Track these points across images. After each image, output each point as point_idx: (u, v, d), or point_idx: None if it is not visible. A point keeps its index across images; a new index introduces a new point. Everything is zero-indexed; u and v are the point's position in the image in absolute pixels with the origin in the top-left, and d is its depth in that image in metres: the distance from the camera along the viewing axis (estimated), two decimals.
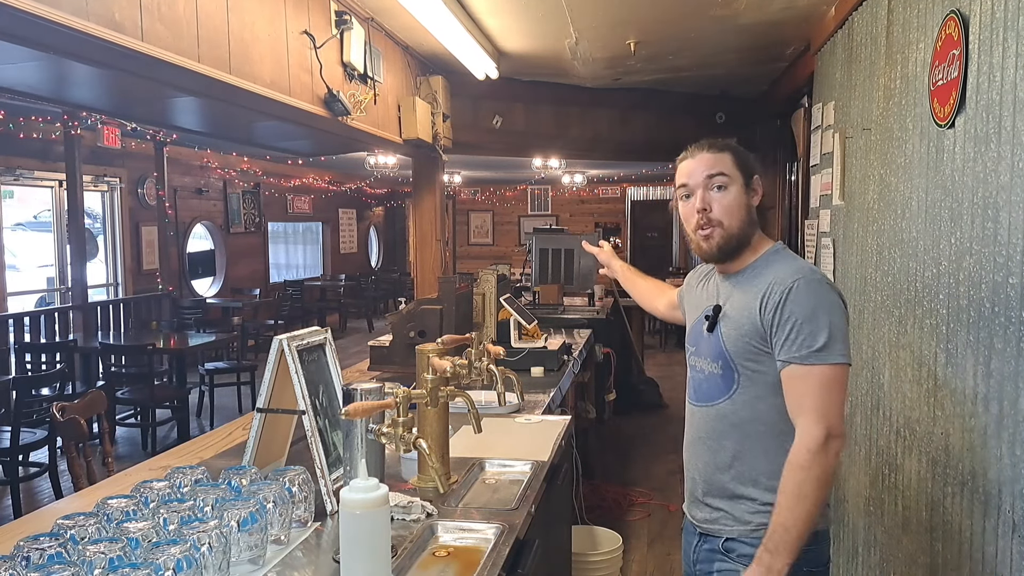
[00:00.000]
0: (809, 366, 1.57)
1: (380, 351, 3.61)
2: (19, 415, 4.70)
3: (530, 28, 4.36)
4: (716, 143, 1.77)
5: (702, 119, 6.20)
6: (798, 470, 1.55)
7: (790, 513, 1.54)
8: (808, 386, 1.57)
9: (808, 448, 1.54)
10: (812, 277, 1.63)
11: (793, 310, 1.59)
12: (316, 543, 1.69)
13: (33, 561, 1.29)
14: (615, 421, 6.19)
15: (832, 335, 1.56)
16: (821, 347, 1.56)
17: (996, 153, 1.80)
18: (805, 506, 1.54)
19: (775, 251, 1.75)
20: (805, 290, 1.60)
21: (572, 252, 6.16)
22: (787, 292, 1.61)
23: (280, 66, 3.18)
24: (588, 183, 15.04)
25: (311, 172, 12.65)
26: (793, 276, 1.63)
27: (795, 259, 1.72)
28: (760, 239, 1.77)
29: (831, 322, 1.57)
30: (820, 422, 1.54)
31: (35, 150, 7.50)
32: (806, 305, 1.59)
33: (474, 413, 1.98)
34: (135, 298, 8.86)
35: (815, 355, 1.56)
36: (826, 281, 1.65)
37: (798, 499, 1.54)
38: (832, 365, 1.56)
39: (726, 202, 1.71)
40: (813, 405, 1.56)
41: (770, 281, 1.65)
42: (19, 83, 3.40)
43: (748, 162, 1.76)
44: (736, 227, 1.72)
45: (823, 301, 1.59)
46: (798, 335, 1.58)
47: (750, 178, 1.75)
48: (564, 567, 2.63)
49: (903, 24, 2.53)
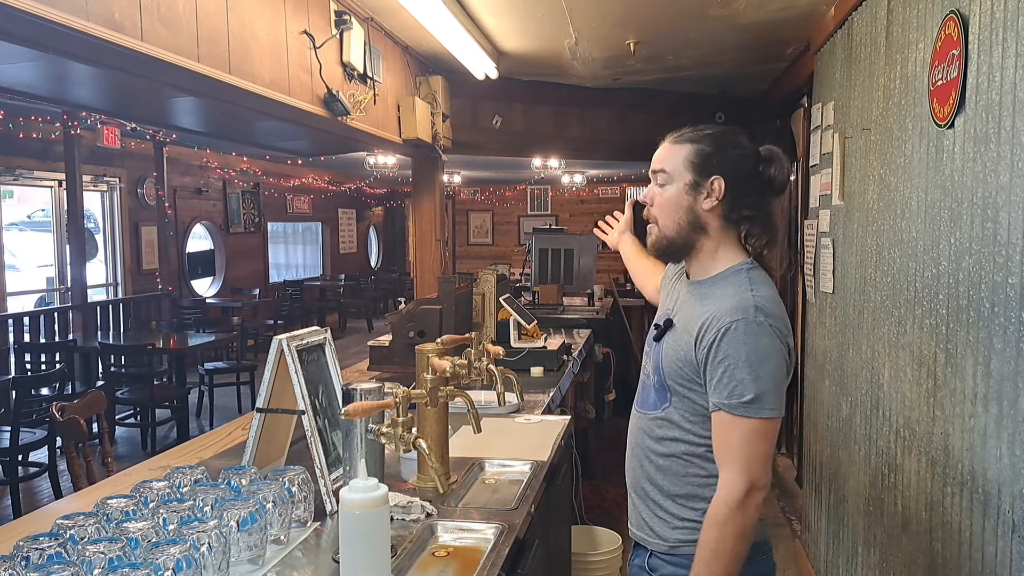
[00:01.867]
0: (737, 416, 1.49)
1: (380, 351, 3.61)
2: (19, 415, 4.70)
3: (530, 28, 4.36)
4: (684, 134, 1.65)
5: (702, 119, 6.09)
6: (716, 526, 1.50)
7: (706, 568, 1.51)
8: (734, 437, 1.50)
9: (727, 503, 1.49)
10: (753, 319, 1.49)
11: (728, 353, 1.49)
12: (316, 543, 1.69)
13: (33, 561, 1.29)
14: (615, 421, 6.17)
15: (763, 388, 1.47)
16: (751, 400, 1.48)
17: (996, 153, 1.80)
18: (722, 562, 1.50)
19: (735, 271, 1.59)
20: (743, 334, 1.48)
21: (572, 252, 6.17)
22: (723, 333, 1.50)
23: (280, 66, 3.18)
24: (588, 183, 15.04)
25: (311, 172, 12.65)
26: (732, 315, 1.50)
27: (746, 290, 1.54)
28: (727, 250, 1.62)
29: (764, 373, 1.48)
30: (743, 475, 1.49)
31: (35, 150, 7.50)
32: (741, 352, 1.48)
33: (474, 413, 1.98)
34: (135, 298, 8.86)
35: (744, 407, 1.48)
36: (768, 323, 1.50)
37: (716, 555, 1.50)
38: (761, 420, 1.48)
39: (662, 200, 1.63)
40: (737, 456, 1.50)
41: (712, 311, 1.53)
42: (19, 83, 3.40)
43: (709, 161, 1.59)
44: (670, 229, 1.62)
45: (759, 349, 1.48)
46: (729, 381, 1.49)
47: (703, 178, 1.58)
48: (564, 567, 2.63)
49: (903, 24, 2.53)
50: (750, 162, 1.61)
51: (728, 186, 1.59)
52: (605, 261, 6.55)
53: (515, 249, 15.94)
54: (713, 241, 1.62)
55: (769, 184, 1.62)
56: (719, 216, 1.61)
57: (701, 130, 1.65)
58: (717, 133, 1.65)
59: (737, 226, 1.62)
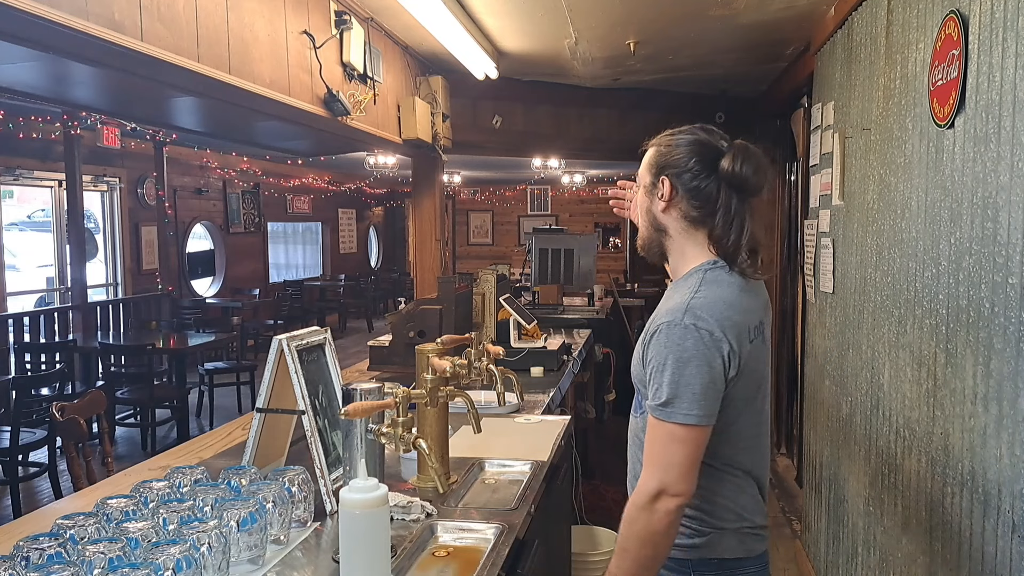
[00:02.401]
0: (655, 419, 1.47)
1: (380, 351, 3.61)
2: (19, 415, 4.70)
3: (529, 28, 4.36)
4: (656, 138, 1.63)
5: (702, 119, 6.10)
6: (624, 523, 1.51)
7: (615, 563, 1.52)
8: (651, 438, 1.49)
9: (636, 503, 1.49)
10: (680, 322, 1.46)
11: (652, 356, 1.49)
12: (316, 543, 1.69)
13: (33, 561, 1.29)
14: (615, 421, 6.17)
15: (677, 392, 1.44)
16: (664, 403, 1.45)
17: (996, 153, 1.80)
18: (626, 560, 1.50)
19: (694, 271, 1.57)
20: (665, 337, 1.46)
21: (572, 252, 6.17)
22: (652, 335, 1.50)
23: (280, 66, 3.18)
24: (588, 183, 15.04)
25: (311, 172, 12.65)
26: (665, 317, 1.49)
27: (689, 290, 1.52)
28: (693, 252, 1.59)
29: (680, 377, 1.44)
30: (655, 477, 1.46)
31: (35, 150, 7.50)
32: (661, 354, 1.47)
33: (474, 413, 1.98)
34: (135, 298, 8.86)
35: (659, 409, 1.46)
36: (695, 325, 1.45)
37: (622, 552, 1.51)
38: (674, 424, 1.44)
39: (634, 205, 1.67)
40: (652, 458, 1.49)
41: (655, 314, 1.54)
42: (19, 83, 3.40)
43: (659, 161, 1.58)
44: (643, 231, 1.64)
45: (678, 353, 1.45)
46: (652, 383, 1.48)
47: (656, 179, 1.58)
48: (564, 567, 2.63)
49: (903, 24, 2.53)
50: (703, 160, 1.56)
51: (677, 186, 1.56)
52: (605, 261, 6.56)
53: (515, 249, 15.94)
54: (676, 242, 1.61)
55: (733, 181, 1.54)
56: (678, 217, 1.59)
57: (671, 132, 1.62)
58: (678, 133, 1.61)
59: (703, 226, 1.58)
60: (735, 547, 1.59)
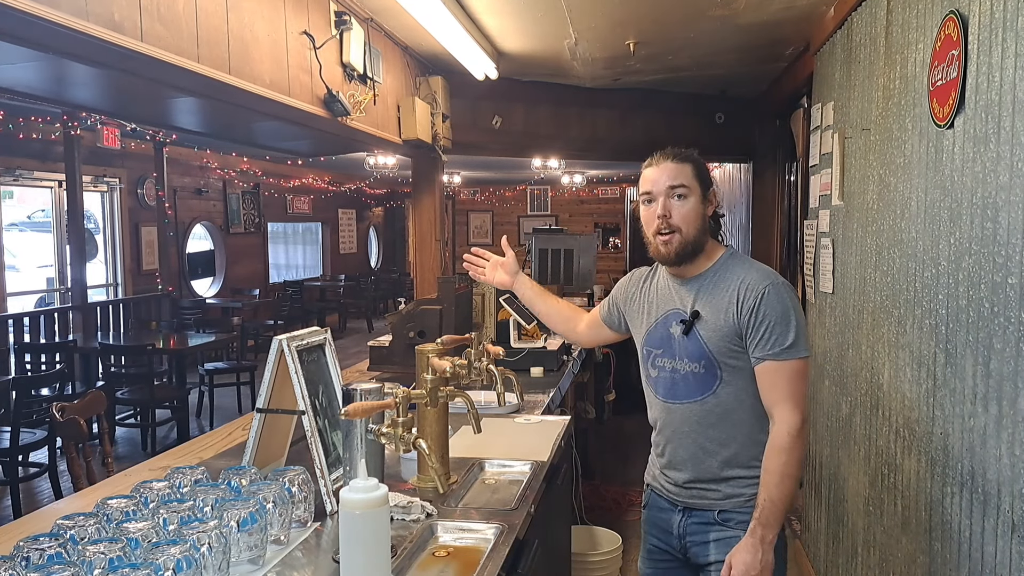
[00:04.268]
0: (782, 361, 1.79)
1: (380, 351, 3.61)
2: (19, 415, 4.70)
3: (529, 28, 4.37)
4: (680, 153, 1.90)
5: (701, 119, 6.20)
6: (782, 452, 1.77)
7: (777, 490, 1.76)
8: (782, 378, 1.80)
9: (789, 432, 1.77)
10: (779, 282, 1.85)
11: (767, 313, 1.80)
12: (316, 543, 1.69)
13: (33, 561, 1.29)
14: (614, 421, 6.19)
15: (799, 334, 1.81)
16: (791, 344, 1.79)
17: (995, 153, 1.80)
18: (789, 483, 1.77)
19: (730, 255, 1.94)
20: (776, 295, 1.81)
21: (572, 252, 6.17)
22: (761, 296, 1.81)
23: (280, 66, 3.19)
24: (587, 183, 15.04)
25: (311, 172, 12.65)
26: (762, 281, 1.83)
27: (753, 263, 1.91)
28: (713, 245, 1.94)
29: (797, 322, 1.81)
30: (796, 409, 1.78)
31: (35, 150, 7.50)
32: (778, 308, 1.81)
33: (474, 413, 1.98)
34: (135, 298, 8.86)
35: (786, 351, 1.79)
36: (784, 284, 1.86)
37: (783, 478, 1.77)
38: (800, 359, 1.80)
39: (684, 211, 1.87)
40: (789, 394, 1.79)
41: (739, 285, 1.85)
42: (19, 83, 3.40)
43: (706, 175, 1.92)
44: (692, 234, 1.88)
45: (791, 304, 1.82)
46: (771, 335, 1.80)
47: (707, 190, 1.91)
48: (563, 567, 2.63)
49: (902, 24, 2.53)
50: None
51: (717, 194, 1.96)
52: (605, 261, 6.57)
53: (515, 249, 15.91)
54: (709, 239, 1.94)
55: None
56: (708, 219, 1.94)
57: (686, 151, 1.93)
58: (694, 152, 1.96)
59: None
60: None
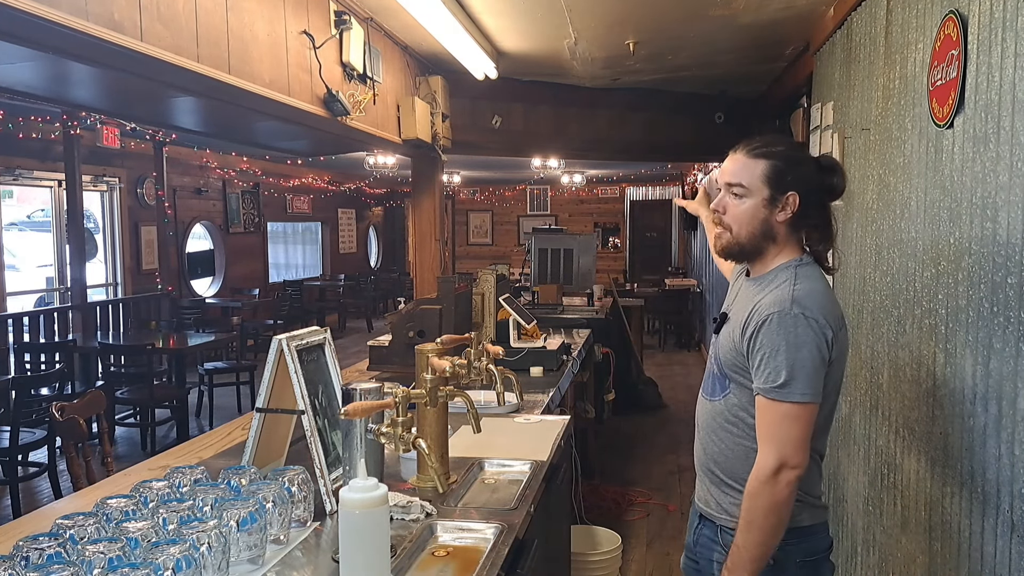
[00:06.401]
0: (770, 400, 1.62)
1: (379, 351, 3.60)
2: (18, 415, 4.70)
3: (529, 28, 4.37)
4: (760, 149, 1.73)
5: (701, 119, 6.20)
6: (748, 497, 1.64)
7: (742, 536, 1.65)
8: (768, 418, 1.64)
9: (758, 477, 1.62)
10: (789, 311, 1.62)
11: (763, 343, 1.63)
12: (315, 543, 1.69)
13: (32, 561, 1.29)
14: (614, 421, 6.19)
15: (793, 374, 1.59)
16: (781, 385, 1.60)
17: (995, 153, 1.80)
18: (753, 532, 1.63)
19: (784, 267, 1.72)
20: (777, 326, 1.62)
21: (571, 252, 6.17)
22: (761, 324, 1.64)
23: (279, 66, 3.18)
24: (587, 183, 15.04)
25: (310, 172, 12.65)
26: (771, 308, 1.64)
27: (789, 284, 1.68)
28: (780, 252, 1.74)
29: (795, 361, 1.60)
30: (774, 453, 1.61)
31: (34, 150, 7.49)
32: (774, 341, 1.62)
33: (473, 413, 1.98)
34: (134, 298, 8.85)
35: (775, 391, 1.61)
36: (803, 315, 1.62)
37: (748, 524, 1.64)
38: (792, 403, 1.60)
39: (738, 211, 1.73)
40: (770, 436, 1.63)
41: (757, 305, 1.68)
42: (19, 83, 3.39)
43: (783, 176, 1.70)
44: (743, 237, 1.74)
45: (791, 339, 1.60)
46: (764, 368, 1.63)
47: (780, 193, 1.70)
48: (563, 567, 2.63)
49: (902, 24, 2.53)
50: (816, 175, 1.74)
51: (800, 200, 1.71)
52: (605, 261, 6.56)
53: (515, 249, 15.95)
54: (779, 246, 1.75)
55: (830, 192, 1.76)
56: (788, 225, 1.73)
57: (773, 145, 1.75)
58: (787, 149, 1.76)
59: (801, 231, 1.76)
60: (807, 516, 1.74)
